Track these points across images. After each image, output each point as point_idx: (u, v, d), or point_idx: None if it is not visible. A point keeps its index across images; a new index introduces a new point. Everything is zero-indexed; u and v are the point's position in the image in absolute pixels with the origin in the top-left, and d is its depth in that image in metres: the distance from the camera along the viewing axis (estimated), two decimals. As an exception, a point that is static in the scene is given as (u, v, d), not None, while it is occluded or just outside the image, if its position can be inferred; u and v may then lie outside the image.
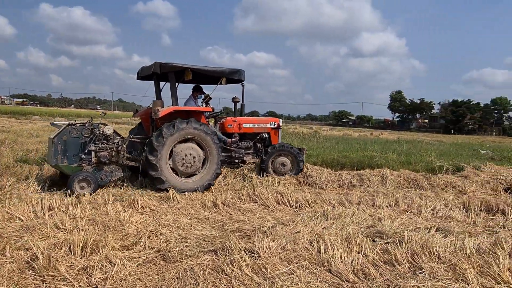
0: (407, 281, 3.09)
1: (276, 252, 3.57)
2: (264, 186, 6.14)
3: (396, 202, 6.11)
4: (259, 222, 4.72)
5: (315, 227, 4.45)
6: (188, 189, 6.25)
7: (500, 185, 7.75)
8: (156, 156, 6.08)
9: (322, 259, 3.45)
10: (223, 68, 6.94)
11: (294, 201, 5.79)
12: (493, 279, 3.27)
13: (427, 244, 3.83)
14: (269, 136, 8.04)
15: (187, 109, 6.83)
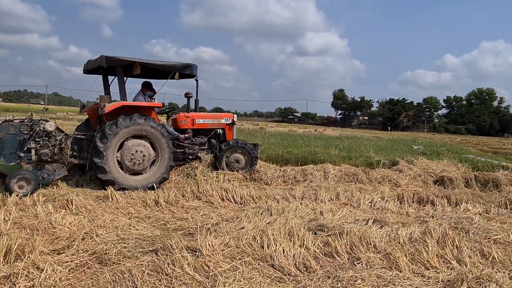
0: (346, 272, 3.20)
1: (219, 249, 3.51)
2: (208, 183, 6.05)
3: (337, 196, 6.33)
4: (203, 220, 4.64)
5: (259, 222, 4.46)
6: (129, 186, 6.01)
7: (430, 178, 8.35)
8: (102, 158, 5.87)
9: (265, 254, 3.46)
10: (174, 62, 6.76)
11: (239, 197, 5.77)
12: (423, 265, 3.50)
13: (364, 235, 3.99)
14: (223, 132, 7.98)
15: (135, 104, 6.54)
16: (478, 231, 4.78)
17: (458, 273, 3.24)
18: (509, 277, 3.38)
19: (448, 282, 3.16)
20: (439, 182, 8.22)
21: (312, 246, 3.75)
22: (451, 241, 4.02)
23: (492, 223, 5.35)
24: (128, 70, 6.57)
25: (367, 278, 3.08)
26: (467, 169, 9.23)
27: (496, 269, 3.57)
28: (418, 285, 3.09)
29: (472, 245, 4.15)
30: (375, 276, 3.15)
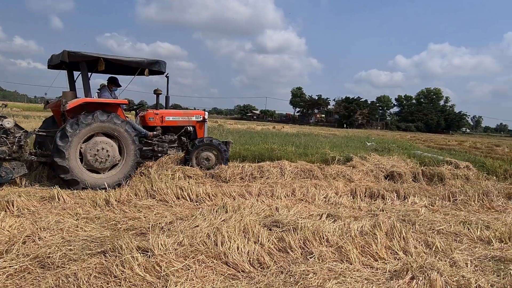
0: (298, 266, 3.24)
1: (172, 248, 3.42)
2: (163, 181, 5.89)
3: (293, 192, 6.42)
4: (156, 219, 4.51)
5: (214, 220, 4.41)
6: (94, 185, 5.87)
7: (381, 173, 8.68)
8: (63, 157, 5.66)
9: (219, 251, 3.42)
10: (141, 58, 6.61)
11: (195, 195, 5.68)
12: (372, 257, 3.63)
13: (318, 230, 4.07)
14: (194, 129, 7.88)
15: (99, 101, 6.32)
16: (423, 222, 5.05)
17: (404, 263, 3.40)
18: (450, 264, 3.58)
19: (394, 272, 3.30)
20: (390, 177, 8.57)
21: (266, 242, 3.76)
22: (399, 233, 4.21)
23: (436, 215, 5.68)
24: (93, 66, 6.36)
25: (319, 271, 3.15)
26: (415, 164, 9.71)
27: (439, 257, 3.78)
28: (367, 276, 3.19)
29: (417, 236, 4.38)
30: (327, 269, 3.22)
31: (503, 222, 5.39)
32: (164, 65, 6.88)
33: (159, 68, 6.80)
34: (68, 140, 5.68)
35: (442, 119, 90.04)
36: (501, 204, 6.63)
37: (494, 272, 3.48)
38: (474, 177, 8.98)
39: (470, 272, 3.38)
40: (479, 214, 5.97)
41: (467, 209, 6.26)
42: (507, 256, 3.90)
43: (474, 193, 6.81)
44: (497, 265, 3.68)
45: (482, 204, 6.52)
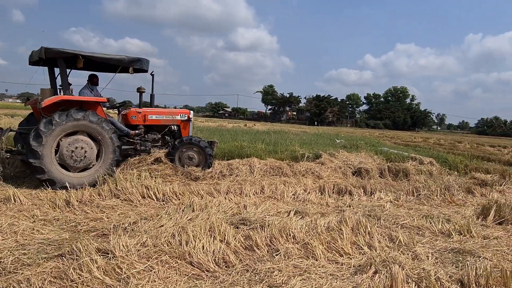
0: (264, 264, 3.22)
1: (134, 249, 3.31)
2: (128, 180, 5.72)
3: (262, 189, 6.41)
4: (120, 219, 4.37)
5: (180, 219, 4.31)
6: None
7: (349, 169, 8.85)
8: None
9: (184, 251, 3.34)
10: (121, 56, 6.49)
11: (161, 194, 5.55)
12: (338, 253, 3.66)
13: (285, 227, 4.06)
14: (178, 128, 7.75)
15: (75, 98, 6.09)
16: (388, 217, 5.17)
17: (368, 258, 3.45)
18: (412, 257, 3.67)
19: (359, 267, 3.34)
20: (357, 173, 8.75)
21: (233, 240, 3.71)
22: (364, 228, 4.28)
23: (401, 209, 5.82)
24: (71, 63, 6.25)
25: (284, 268, 3.14)
26: (382, 160, 9.97)
27: (401, 251, 3.87)
28: (332, 271, 3.22)
29: (382, 231, 4.47)
30: (292, 266, 3.21)
31: (462, 215, 5.60)
32: (146, 63, 6.76)
33: (141, 66, 6.67)
34: (42, 140, 5.51)
35: (408, 116, 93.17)
36: (461, 198, 6.90)
37: (453, 264, 3.60)
38: (437, 172, 9.33)
39: (431, 264, 3.48)
40: (440, 208, 6.18)
41: (429, 203, 6.47)
42: (465, 248, 4.04)
43: (437, 187, 7.05)
44: (456, 256, 3.81)
45: (444, 198, 6.76)
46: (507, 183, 8.55)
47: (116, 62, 6.46)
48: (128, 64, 6.52)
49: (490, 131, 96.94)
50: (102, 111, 6.46)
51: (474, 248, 4.05)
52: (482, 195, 7.41)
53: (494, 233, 4.69)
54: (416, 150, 14.99)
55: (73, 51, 5.98)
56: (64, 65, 6.10)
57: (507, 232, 4.89)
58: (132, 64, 6.55)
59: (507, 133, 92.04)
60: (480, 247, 4.17)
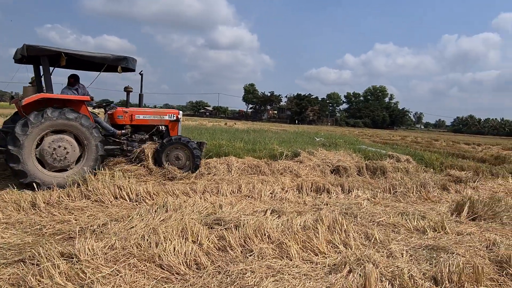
0: (237, 265, 3.13)
1: (101, 253, 3.17)
2: (100, 180, 5.52)
3: (239, 188, 6.31)
4: (88, 221, 4.19)
5: (152, 220, 4.18)
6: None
7: (327, 167, 8.85)
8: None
9: (153, 254, 3.21)
10: (106, 54, 6.35)
11: (134, 194, 5.38)
12: (313, 252, 3.61)
13: (260, 226, 3.98)
14: (167, 129, 7.61)
15: (56, 97, 5.93)
16: (365, 215, 5.16)
17: (343, 257, 3.40)
18: (386, 255, 3.66)
19: (333, 266, 3.29)
20: (336, 171, 8.76)
21: (206, 241, 3.61)
22: (340, 227, 4.24)
23: (377, 207, 5.84)
24: (55, 61, 6.04)
25: (257, 269, 3.05)
26: (360, 158, 10.02)
27: (377, 249, 3.85)
28: (306, 271, 3.15)
29: (358, 229, 4.44)
30: (265, 267, 3.13)
31: (437, 212, 5.66)
32: (132, 62, 6.63)
33: (126, 65, 6.52)
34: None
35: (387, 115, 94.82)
36: (436, 194, 7.00)
37: (427, 261, 3.60)
38: (414, 170, 9.45)
39: (405, 262, 3.46)
40: (416, 205, 6.24)
41: (406, 200, 6.52)
42: (439, 244, 4.06)
43: (413, 185, 7.13)
44: (430, 253, 3.81)
45: (420, 195, 6.83)
46: (480, 180, 8.74)
47: (101, 60, 6.31)
48: (113, 62, 6.38)
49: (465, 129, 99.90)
50: (86, 110, 6.31)
51: (448, 245, 4.07)
52: (457, 191, 7.53)
53: (467, 229, 4.75)
54: (393, 148, 15.20)
55: (56, 48, 5.84)
56: (47, 63, 5.93)
57: (479, 228, 4.96)
58: (117, 62, 6.41)
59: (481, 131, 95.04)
60: (454, 243, 4.21)
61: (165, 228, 3.83)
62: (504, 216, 5.48)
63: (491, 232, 4.75)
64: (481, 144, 26.34)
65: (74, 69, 7.18)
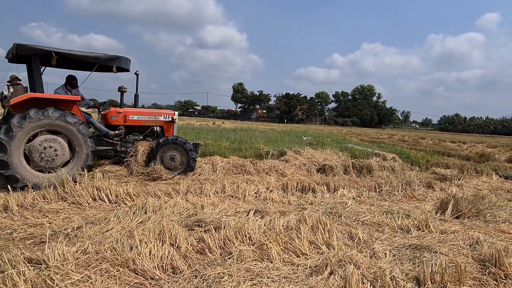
0: (214, 269, 3.02)
1: (72, 258, 3.02)
2: (78, 181, 5.35)
3: (223, 188, 6.19)
4: (63, 224, 4.02)
5: (130, 222, 4.05)
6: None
7: (314, 166, 8.79)
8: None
9: (128, 258, 3.08)
10: (98, 53, 6.27)
11: (114, 195, 5.22)
12: (294, 253, 3.51)
13: (241, 227, 3.87)
14: (162, 129, 7.51)
15: (45, 96, 5.83)
16: (349, 214, 5.09)
17: (325, 258, 3.32)
18: (369, 255, 3.59)
19: (315, 268, 3.20)
20: (322, 170, 8.70)
21: (184, 244, 3.49)
22: (323, 227, 4.16)
23: (362, 206, 5.78)
24: (46, 60, 5.98)
25: (235, 273, 2.94)
26: (347, 157, 9.99)
27: (360, 249, 3.78)
28: (286, 274, 3.06)
29: (342, 228, 4.37)
30: (244, 270, 3.03)
31: (422, 210, 5.63)
32: (125, 62, 6.50)
33: (119, 65, 6.41)
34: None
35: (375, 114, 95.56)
36: (421, 193, 6.99)
37: (410, 261, 3.54)
38: (399, 168, 9.45)
39: (388, 262, 3.40)
40: (401, 203, 6.21)
41: (391, 199, 6.49)
42: (423, 243, 4.01)
43: (398, 183, 7.10)
44: (413, 253, 3.76)
45: (405, 193, 6.81)
46: (465, 178, 8.79)
47: (93, 60, 6.21)
48: (105, 62, 6.27)
49: (452, 127, 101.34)
50: (78, 110, 6.20)
51: (432, 244, 4.03)
52: (442, 189, 7.54)
53: (451, 228, 4.72)
54: (380, 146, 15.24)
55: (47, 48, 5.75)
56: (38, 63, 5.85)
57: (463, 226, 4.94)
58: (109, 62, 6.30)
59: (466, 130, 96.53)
60: (438, 242, 4.16)
61: (142, 230, 3.70)
62: (488, 214, 5.48)
63: (475, 230, 4.73)
64: (466, 142, 26.68)
65: (66, 68, 7.08)
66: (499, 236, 4.60)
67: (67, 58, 6.10)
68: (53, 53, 5.71)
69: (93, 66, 6.48)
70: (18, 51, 5.61)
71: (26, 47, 5.63)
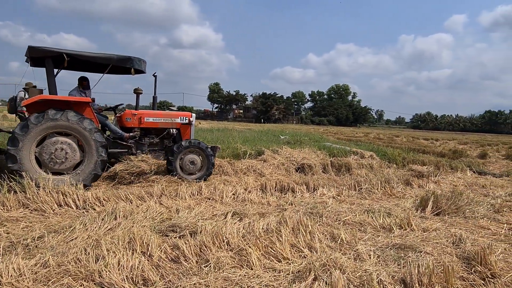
0: (190, 279, 2.78)
1: (30, 272, 2.71)
2: (42, 187, 4.97)
3: (200, 190, 5.93)
4: (22, 234, 3.67)
5: (98, 230, 3.74)
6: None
7: (292, 166, 8.63)
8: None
9: (93, 270, 2.79)
10: (109, 54, 6.20)
11: (82, 201, 4.88)
12: (275, 258, 3.32)
13: (218, 232, 3.64)
14: (178, 132, 7.36)
15: (56, 98, 5.81)
16: (330, 214, 4.95)
17: (308, 262, 3.14)
18: (353, 257, 3.44)
19: (298, 273, 3.02)
20: (300, 169, 8.56)
21: (157, 252, 3.23)
22: (305, 228, 3.99)
23: (343, 205, 5.67)
24: (59, 62, 5.96)
25: (212, 283, 2.72)
26: (325, 156, 9.90)
27: (343, 251, 3.63)
28: (268, 281, 2.85)
29: (324, 229, 4.21)
30: (222, 279, 2.80)
31: (402, 208, 5.56)
32: (138, 63, 6.39)
33: (132, 66, 6.29)
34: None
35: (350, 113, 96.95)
36: (400, 190, 6.96)
37: (395, 261, 3.41)
38: (377, 166, 9.45)
39: (373, 264, 3.25)
40: (381, 201, 6.13)
41: (371, 197, 6.41)
42: (407, 242, 3.91)
43: (377, 181, 7.05)
44: (397, 253, 3.64)
45: (385, 191, 6.76)
46: (441, 174, 8.88)
47: (104, 60, 6.17)
48: (117, 63, 6.21)
49: (424, 125, 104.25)
50: (91, 112, 6.16)
51: (415, 243, 3.93)
52: (420, 186, 7.55)
53: (433, 225, 4.65)
54: (357, 144, 15.31)
55: (58, 49, 5.78)
56: (51, 65, 5.87)
57: (444, 223, 4.90)
58: (121, 63, 6.23)
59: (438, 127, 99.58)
60: (421, 240, 4.07)
61: (111, 238, 3.42)
62: (467, 210, 5.47)
63: (456, 227, 4.68)
64: (439, 139, 27.38)
65: (80, 71, 7.07)
66: (479, 233, 4.57)
67: (79, 60, 6.12)
68: (64, 55, 5.73)
69: (106, 68, 6.41)
70: (31, 54, 5.68)
71: (38, 49, 5.70)
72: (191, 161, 6.86)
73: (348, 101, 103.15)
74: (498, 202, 5.90)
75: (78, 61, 6.23)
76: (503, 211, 5.57)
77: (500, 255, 3.66)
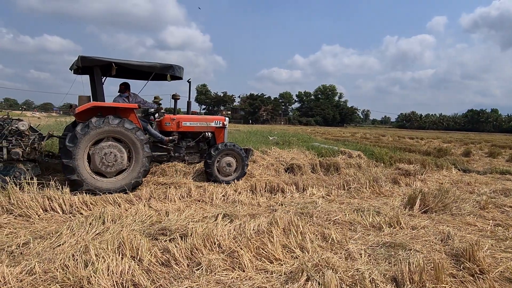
0: (181, 282, 2.74)
1: (15, 280, 2.64)
2: (26, 191, 4.85)
3: (189, 192, 5.88)
4: (6, 241, 3.55)
5: (86, 235, 3.66)
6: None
7: (281, 166, 8.63)
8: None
9: (82, 276, 2.73)
10: (152, 63, 6.54)
11: (68, 205, 4.77)
12: (267, 259, 3.30)
13: (209, 234, 3.61)
14: (213, 135, 7.64)
15: (105, 105, 6.08)
16: (320, 214, 4.96)
17: (300, 263, 3.13)
18: (345, 257, 3.45)
19: (290, 274, 3.00)
20: (290, 169, 8.57)
21: (147, 256, 3.18)
22: (296, 228, 3.98)
23: (333, 204, 5.69)
24: (106, 71, 6.31)
25: (204, 286, 2.69)
26: (314, 156, 9.94)
27: (335, 250, 3.64)
28: (260, 283, 2.83)
29: (315, 229, 4.21)
30: (214, 282, 2.77)
31: (391, 206, 5.62)
32: (179, 70, 6.76)
33: (173, 73, 6.65)
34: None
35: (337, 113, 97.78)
36: (388, 188, 7.03)
37: (386, 260, 3.43)
38: (365, 165, 9.51)
39: (364, 263, 3.27)
40: (370, 200, 6.18)
41: (360, 196, 6.46)
42: (396, 241, 3.94)
43: (366, 180, 7.10)
44: (388, 251, 3.66)
45: (373, 190, 6.82)
46: (427, 172, 9.00)
47: (148, 69, 6.49)
48: (160, 70, 6.53)
49: (409, 125, 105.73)
50: (135, 117, 6.38)
51: (405, 241, 3.97)
52: (407, 184, 7.65)
53: (421, 223, 4.71)
54: (345, 144, 15.43)
55: (108, 59, 6.02)
56: (99, 73, 6.17)
57: (432, 220, 4.96)
58: (164, 70, 6.56)
59: (422, 126, 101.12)
60: (410, 238, 4.12)
61: (100, 243, 3.35)
62: (453, 207, 5.56)
63: (444, 224, 4.75)
64: (423, 138, 27.79)
65: (125, 78, 7.32)
66: (466, 229, 4.64)
67: (125, 68, 6.36)
68: (113, 64, 5.96)
69: (149, 75, 6.70)
70: (82, 63, 5.87)
71: (89, 59, 5.93)
72: (228, 163, 7.09)
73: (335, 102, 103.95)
74: (483, 199, 6.00)
75: (123, 69, 6.46)
76: (488, 208, 5.67)
77: (488, 251, 3.72)
